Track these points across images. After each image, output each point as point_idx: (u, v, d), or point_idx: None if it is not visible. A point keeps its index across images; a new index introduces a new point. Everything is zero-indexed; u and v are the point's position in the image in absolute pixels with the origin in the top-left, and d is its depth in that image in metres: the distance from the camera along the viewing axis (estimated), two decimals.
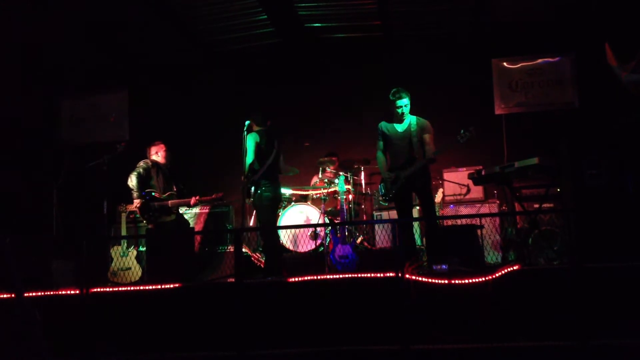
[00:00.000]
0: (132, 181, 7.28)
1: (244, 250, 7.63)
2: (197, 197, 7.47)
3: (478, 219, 6.50)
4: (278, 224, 8.07)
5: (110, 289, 6.10)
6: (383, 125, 6.77)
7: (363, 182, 8.68)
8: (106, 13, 8.63)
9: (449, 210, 8.10)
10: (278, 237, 7.30)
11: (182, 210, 7.93)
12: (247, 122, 6.94)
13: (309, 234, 7.99)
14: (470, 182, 7.57)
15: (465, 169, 8.07)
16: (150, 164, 7.50)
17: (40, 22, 8.57)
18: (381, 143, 6.79)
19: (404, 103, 6.60)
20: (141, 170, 7.37)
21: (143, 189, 7.33)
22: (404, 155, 6.62)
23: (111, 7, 8.48)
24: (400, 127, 6.68)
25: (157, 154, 7.67)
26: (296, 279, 5.82)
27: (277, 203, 7.33)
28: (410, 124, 6.64)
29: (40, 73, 9.69)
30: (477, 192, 8.10)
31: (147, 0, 8.47)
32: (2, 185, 8.99)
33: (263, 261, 7.30)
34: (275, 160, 6.99)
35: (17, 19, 8.44)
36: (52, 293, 5.96)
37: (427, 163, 6.55)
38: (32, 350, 5.64)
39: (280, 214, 8.19)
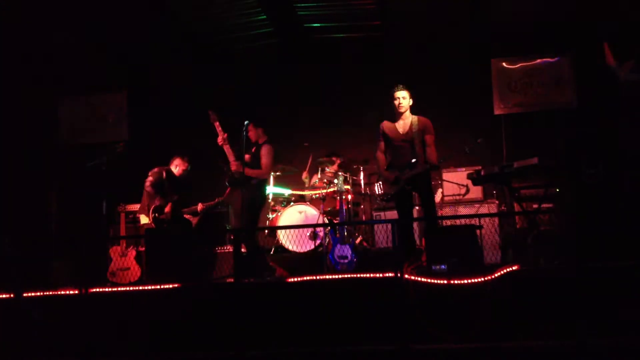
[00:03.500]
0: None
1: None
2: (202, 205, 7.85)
3: (477, 219, 6.50)
4: (278, 224, 8.10)
5: (110, 289, 6.10)
6: (384, 125, 6.73)
7: (362, 182, 8.68)
8: (105, 13, 8.64)
9: (448, 211, 8.10)
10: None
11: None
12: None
13: (308, 234, 7.99)
14: (469, 182, 7.57)
15: (464, 169, 8.06)
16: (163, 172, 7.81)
17: (40, 22, 8.58)
18: (382, 143, 6.75)
19: (402, 95, 6.55)
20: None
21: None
22: (405, 156, 6.57)
23: (110, 7, 8.48)
24: (401, 128, 6.64)
25: (176, 168, 7.99)
26: (295, 279, 5.82)
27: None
28: (412, 124, 6.59)
29: (40, 73, 9.68)
30: (476, 192, 8.09)
31: (147, 0, 8.47)
32: (2, 186, 8.99)
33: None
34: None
35: (16, 20, 8.45)
36: (51, 293, 5.96)
37: (430, 169, 6.52)
38: (30, 350, 5.65)
39: (279, 214, 8.24)
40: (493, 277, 5.31)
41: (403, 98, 6.56)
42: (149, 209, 7.62)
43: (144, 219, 7.67)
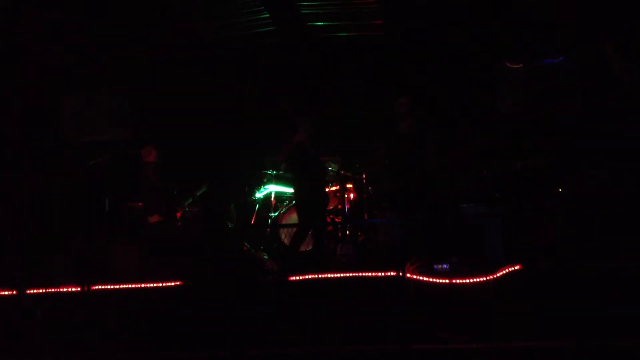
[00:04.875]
0: None
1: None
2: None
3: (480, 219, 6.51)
4: (280, 223, 8.11)
5: (111, 287, 6.10)
6: (386, 128, 6.79)
7: (364, 181, 8.67)
8: (107, 12, 8.64)
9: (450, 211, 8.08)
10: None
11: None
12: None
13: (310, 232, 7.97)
14: (472, 182, 7.57)
15: (467, 169, 8.05)
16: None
17: (42, 20, 8.58)
18: (382, 145, 6.78)
19: (404, 103, 6.62)
20: None
21: None
22: (406, 157, 6.62)
23: (112, 5, 8.48)
24: (402, 130, 6.67)
25: (150, 153, 7.81)
26: (297, 278, 5.83)
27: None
28: (411, 127, 6.64)
29: (42, 71, 9.68)
30: (479, 192, 8.08)
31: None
32: (4, 184, 9.00)
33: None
34: None
35: (19, 18, 8.45)
36: (53, 290, 5.97)
37: (430, 170, 6.55)
38: (32, 347, 5.66)
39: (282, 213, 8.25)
40: (495, 276, 5.32)
41: (404, 105, 6.62)
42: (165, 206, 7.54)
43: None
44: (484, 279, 5.31)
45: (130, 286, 6.18)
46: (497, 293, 5.25)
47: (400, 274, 5.41)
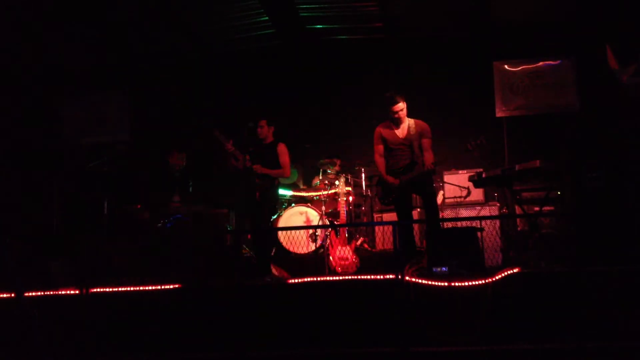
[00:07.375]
0: None
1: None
2: None
3: (478, 222, 6.50)
4: (278, 225, 8.09)
5: (110, 289, 6.09)
6: (382, 129, 6.75)
7: (363, 183, 8.68)
8: (107, 13, 8.64)
9: (449, 213, 8.09)
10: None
11: None
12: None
13: (309, 235, 7.98)
14: (470, 184, 7.57)
15: (465, 171, 8.06)
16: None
17: (41, 21, 8.59)
18: (380, 147, 6.76)
19: (400, 108, 6.59)
20: None
21: None
22: (404, 159, 6.62)
23: (112, 7, 8.49)
24: (399, 132, 6.66)
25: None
26: (296, 281, 5.83)
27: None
28: (409, 128, 6.62)
29: (41, 73, 9.69)
30: (477, 194, 8.09)
31: (149, 1, 8.48)
32: (2, 185, 9.00)
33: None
34: None
35: (17, 19, 8.46)
36: (51, 293, 5.96)
37: (428, 174, 6.54)
38: (30, 349, 5.65)
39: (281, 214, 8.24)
40: (494, 279, 5.31)
41: (401, 110, 6.60)
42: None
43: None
44: (483, 281, 5.30)
45: (129, 289, 6.17)
46: (496, 296, 5.24)
47: (399, 276, 5.40)
